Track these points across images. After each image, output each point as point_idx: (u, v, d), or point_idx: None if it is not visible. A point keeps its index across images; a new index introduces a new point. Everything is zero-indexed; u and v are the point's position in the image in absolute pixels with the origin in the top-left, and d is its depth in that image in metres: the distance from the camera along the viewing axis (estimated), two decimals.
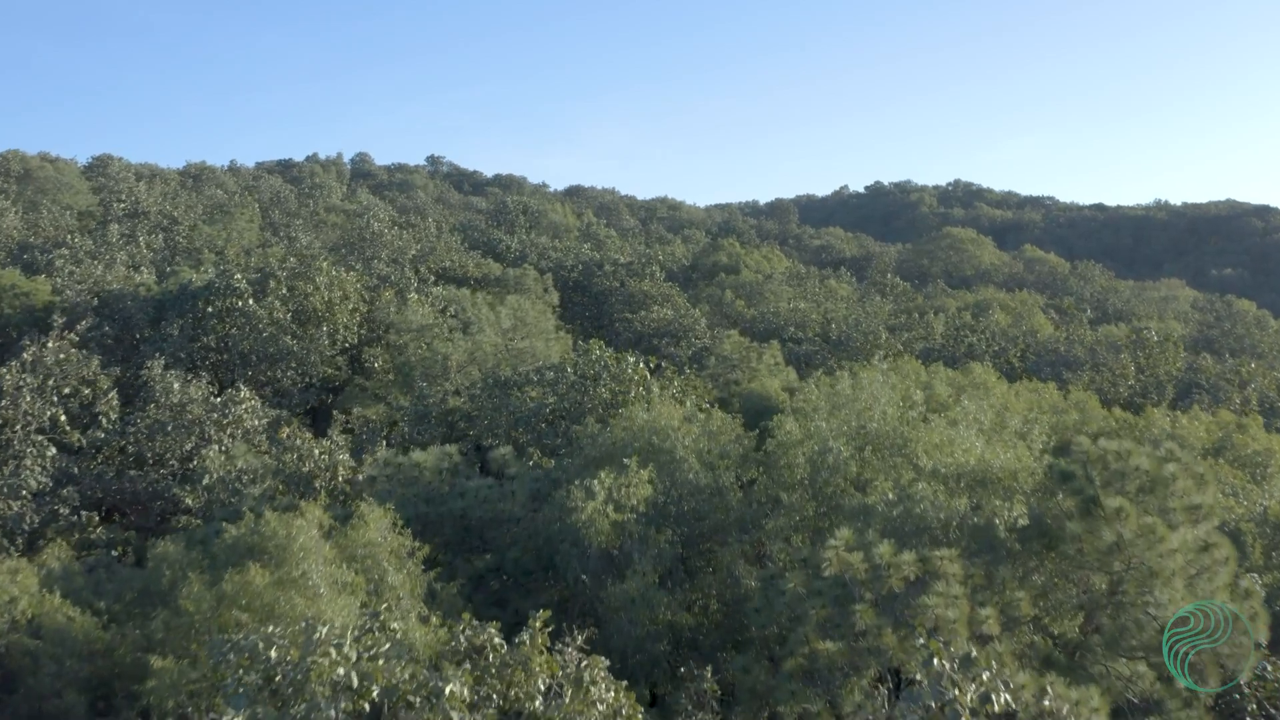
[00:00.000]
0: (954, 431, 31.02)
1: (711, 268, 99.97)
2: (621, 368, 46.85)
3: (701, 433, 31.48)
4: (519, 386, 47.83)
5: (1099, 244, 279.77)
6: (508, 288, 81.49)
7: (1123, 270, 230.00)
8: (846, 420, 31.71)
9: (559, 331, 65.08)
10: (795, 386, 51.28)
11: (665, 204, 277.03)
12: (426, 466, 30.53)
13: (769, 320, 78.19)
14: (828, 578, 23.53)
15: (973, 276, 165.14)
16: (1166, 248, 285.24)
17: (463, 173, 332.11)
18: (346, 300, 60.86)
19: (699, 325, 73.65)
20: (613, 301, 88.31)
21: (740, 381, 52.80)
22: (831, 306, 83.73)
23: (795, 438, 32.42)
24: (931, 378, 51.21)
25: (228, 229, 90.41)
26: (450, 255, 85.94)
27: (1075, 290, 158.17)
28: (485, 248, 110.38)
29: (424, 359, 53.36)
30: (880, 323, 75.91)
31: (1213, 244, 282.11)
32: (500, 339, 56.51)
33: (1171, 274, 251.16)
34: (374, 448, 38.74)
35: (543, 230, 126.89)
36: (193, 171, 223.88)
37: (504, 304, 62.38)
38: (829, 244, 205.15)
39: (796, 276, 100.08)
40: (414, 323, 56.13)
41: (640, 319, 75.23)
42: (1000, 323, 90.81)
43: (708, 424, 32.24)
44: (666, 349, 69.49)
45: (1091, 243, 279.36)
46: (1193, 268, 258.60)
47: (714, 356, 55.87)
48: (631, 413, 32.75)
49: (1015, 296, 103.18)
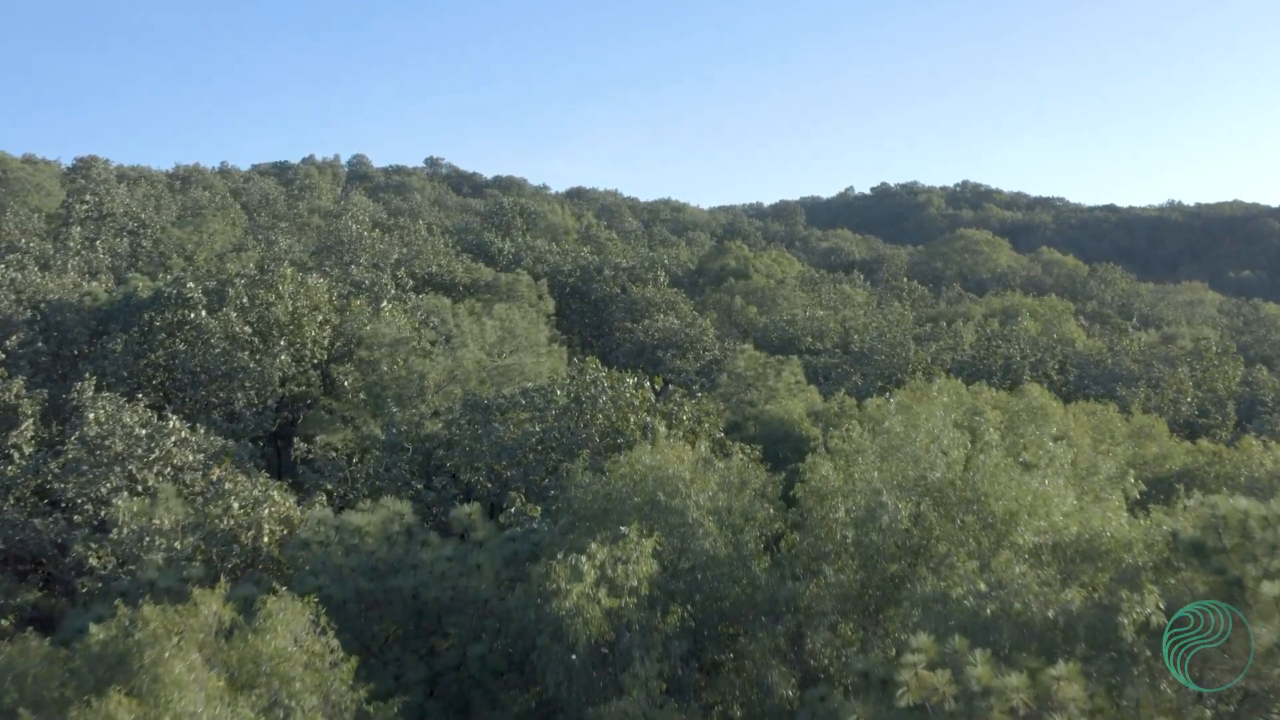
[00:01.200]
0: (1038, 481, 24.52)
1: (719, 272, 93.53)
2: (620, 390, 40.46)
3: (720, 485, 24.98)
4: (503, 411, 41.43)
5: (1112, 245, 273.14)
6: (499, 294, 75.10)
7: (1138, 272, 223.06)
8: (900, 467, 25.21)
9: (553, 344, 58.66)
10: (820, 409, 44.79)
11: (668, 206, 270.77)
12: (370, 532, 24.02)
13: (783, 330, 71.73)
14: (903, 707, 17.06)
15: (989, 280, 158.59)
16: (1182, 249, 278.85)
17: (462, 175, 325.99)
18: (315, 311, 54.51)
19: (707, 335, 67.21)
20: (613, 309, 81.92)
21: (756, 403, 46.36)
22: (850, 314, 77.22)
23: (833, 484, 26.01)
24: (975, 399, 44.77)
25: (199, 232, 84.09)
26: (438, 259, 79.52)
27: (1096, 294, 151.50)
28: (478, 251, 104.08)
29: (398, 378, 46.95)
30: (905, 332, 69.42)
31: (1228, 245, 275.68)
32: (485, 354, 50.09)
33: (1188, 276, 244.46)
34: (314, 498, 32.24)
35: (540, 233, 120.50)
36: (181, 174, 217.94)
37: (491, 314, 55.97)
38: (837, 246, 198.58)
39: (810, 282, 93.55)
40: (387, 336, 49.68)
41: (643, 329, 68.81)
42: (1029, 331, 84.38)
43: (727, 472, 25.70)
44: (672, 362, 63.04)
45: (1104, 244, 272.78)
46: (1209, 269, 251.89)
47: (726, 374, 49.42)
48: (632, 457, 26.28)
49: (1044, 302, 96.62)
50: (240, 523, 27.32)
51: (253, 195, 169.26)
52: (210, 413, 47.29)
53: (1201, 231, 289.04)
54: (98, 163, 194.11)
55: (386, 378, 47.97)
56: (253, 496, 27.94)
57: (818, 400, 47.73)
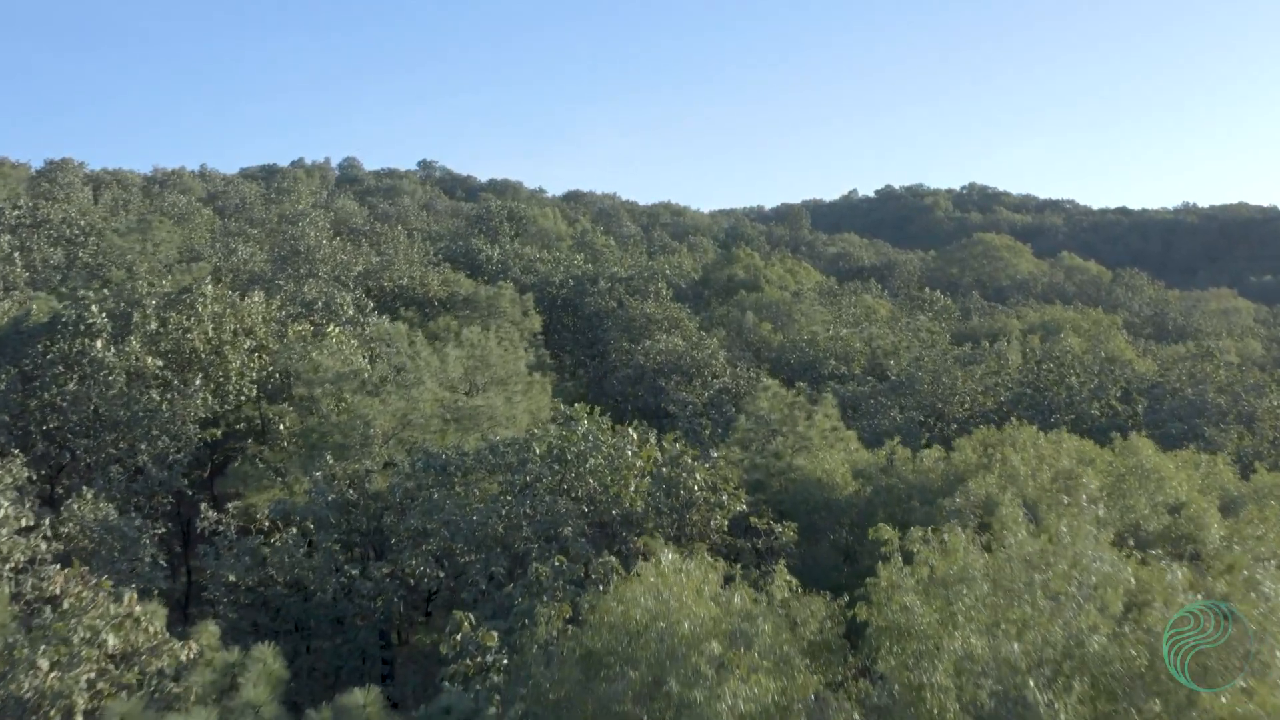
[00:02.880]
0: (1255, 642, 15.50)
1: (726, 283, 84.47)
2: (619, 449, 31.49)
3: (764, 653, 15.81)
4: (464, 472, 32.42)
5: (1127, 249, 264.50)
6: (479, 310, 66.11)
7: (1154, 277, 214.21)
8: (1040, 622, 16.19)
9: (536, 374, 49.59)
10: (866, 468, 35.72)
11: (668, 209, 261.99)
12: None
13: (802, 351, 62.61)
14: None
15: (1009, 287, 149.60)
16: (1199, 253, 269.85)
17: (456, 178, 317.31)
18: (247, 336, 45.49)
19: (717, 360, 58.15)
20: (608, 325, 72.88)
21: (784, 452, 37.29)
22: (876, 332, 68.13)
23: (922, 622, 17.10)
24: (1057, 448, 35.78)
25: (145, 240, 75.08)
26: (411, 270, 70.47)
27: (1124, 302, 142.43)
28: (463, 259, 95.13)
29: (338, 424, 37.90)
30: (944, 354, 60.38)
31: (1246, 249, 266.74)
32: (449, 391, 41.04)
33: (1206, 280, 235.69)
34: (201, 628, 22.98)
35: (531, 239, 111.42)
36: (159, 177, 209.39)
37: (459, 340, 46.93)
38: (845, 251, 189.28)
39: (829, 294, 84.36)
40: (330, 369, 40.59)
41: (643, 350, 59.75)
42: (1075, 349, 75.39)
43: (776, 637, 16.49)
44: (676, 391, 54.00)
45: (1119, 248, 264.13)
46: (1228, 274, 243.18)
47: (744, 414, 40.31)
48: (626, 593, 17.23)
49: (1088, 315, 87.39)
50: (50, 690, 18.18)
51: (230, 199, 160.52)
52: (108, 468, 38.22)
53: (1218, 235, 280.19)
54: (69, 165, 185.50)
55: (327, 422, 38.94)
56: (90, 628, 18.69)
57: (862, 452, 38.61)
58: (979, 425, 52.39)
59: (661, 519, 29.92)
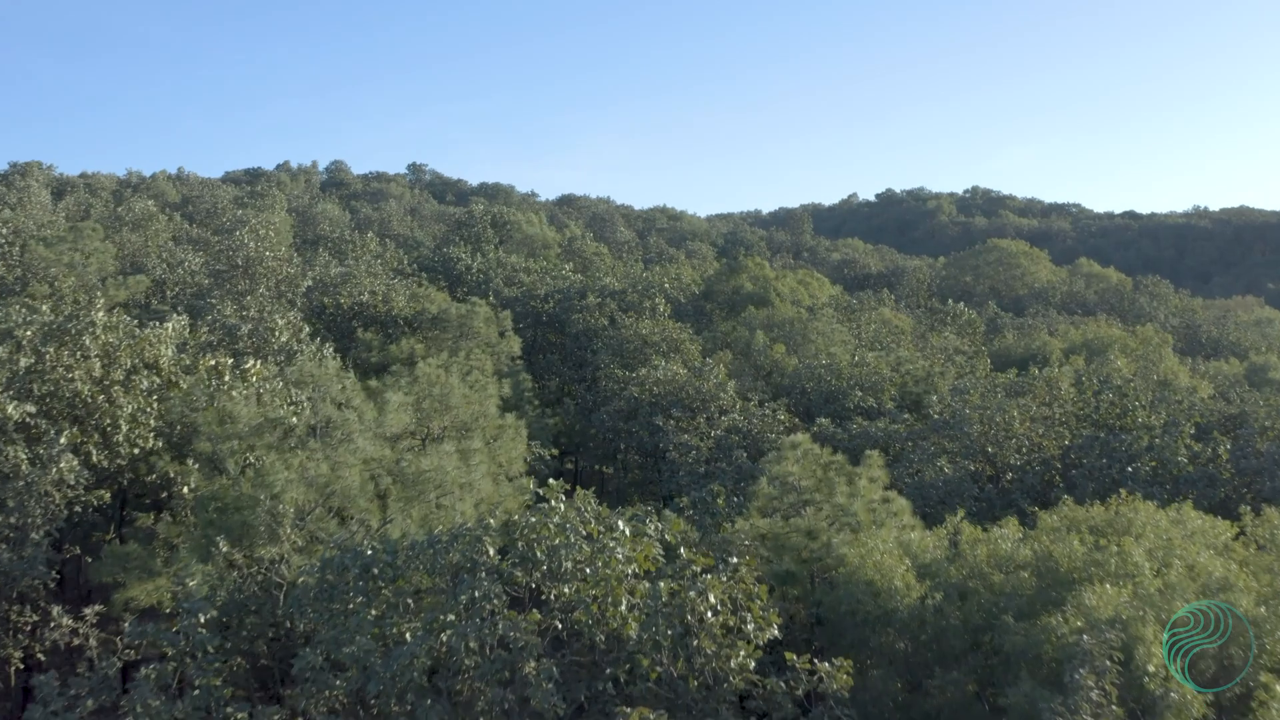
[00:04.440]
0: None
1: (731, 296, 75.75)
2: (607, 553, 22.97)
3: None
4: (390, 579, 23.82)
5: (1138, 255, 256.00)
6: (449, 330, 57.51)
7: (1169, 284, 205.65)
8: None
9: (508, 415, 40.92)
10: (931, 562, 27.06)
11: (665, 214, 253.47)
12: None
13: (821, 379, 53.95)
14: None
15: (1027, 296, 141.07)
16: (1213, 258, 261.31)
17: (446, 181, 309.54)
18: (152, 373, 36.89)
19: (725, 392, 49.56)
20: (599, 346, 64.24)
21: (820, 533, 28.71)
22: (906, 356, 59.50)
23: None
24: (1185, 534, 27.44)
25: (75, 250, 66.40)
26: (373, 284, 61.75)
27: (1149, 312, 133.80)
28: (441, 270, 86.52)
29: (241, 495, 29.24)
30: (990, 384, 51.75)
31: (1261, 254, 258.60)
32: (389, 448, 32.38)
33: (1222, 287, 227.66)
34: None
35: (516, 246, 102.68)
36: (133, 181, 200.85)
37: (414, 377, 38.32)
38: (850, 258, 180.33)
39: (845, 308, 75.51)
40: (243, 418, 31.90)
41: (638, 381, 51.12)
42: (1124, 372, 66.93)
43: None
44: (677, 434, 45.39)
45: (1130, 253, 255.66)
46: (1245, 280, 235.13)
47: (766, 479, 31.69)
48: None
49: (1138, 333, 78.71)
50: None
51: (203, 203, 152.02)
52: None
53: (1232, 239, 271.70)
54: (32, 169, 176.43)
55: (229, 491, 30.27)
56: None
57: (917, 528, 29.92)
58: (1039, 474, 43.83)
59: (661, 654, 21.34)
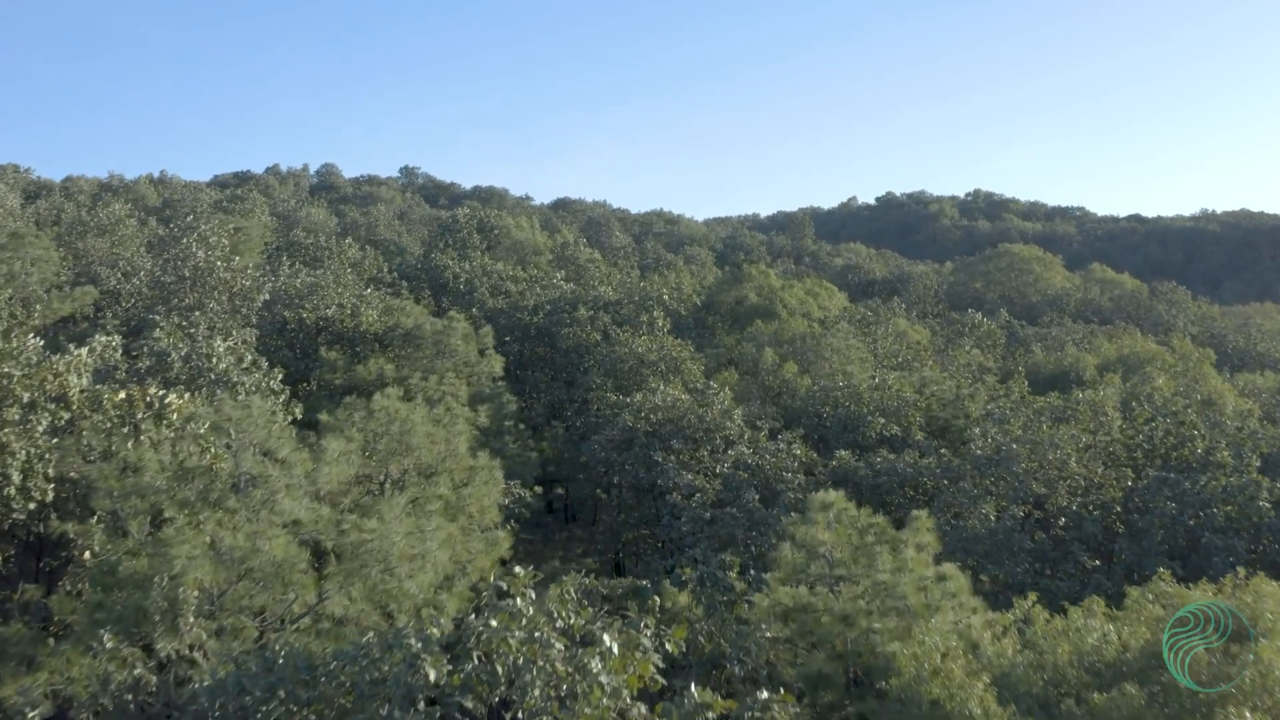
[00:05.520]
0: None
1: (735, 307, 69.76)
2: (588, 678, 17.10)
3: None
4: (305, 706, 17.88)
5: (1146, 259, 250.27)
6: (424, 348, 51.59)
7: None
8: None
9: (480, 453, 34.95)
10: (1012, 677, 21.09)
11: (661, 218, 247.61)
12: None
13: (839, 403, 48.01)
14: None
15: (1039, 303, 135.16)
16: (1223, 263, 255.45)
17: (439, 185, 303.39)
18: (60, 408, 30.97)
19: (732, 421, 43.62)
20: (590, 363, 58.31)
21: (858, 620, 22.82)
22: (931, 375, 53.54)
23: None
24: None
25: (15, 258, 60.41)
26: (343, 296, 55.76)
27: (1167, 320, 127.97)
28: (426, 278, 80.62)
29: (136, 574, 23.28)
30: (1030, 409, 45.81)
31: (1271, 259, 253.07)
32: (327, 507, 26.39)
33: (1233, 291, 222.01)
34: None
35: (504, 252, 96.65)
36: (114, 184, 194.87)
37: (366, 416, 32.36)
38: (854, 263, 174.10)
39: (862, 321, 69.51)
40: (152, 472, 25.91)
41: (633, 408, 45.14)
42: (1164, 390, 61.09)
43: None
44: (677, 473, 39.42)
45: (1137, 258, 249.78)
46: (1258, 285, 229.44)
47: (790, 544, 25.78)
48: None
49: (1175, 346, 72.72)
50: None
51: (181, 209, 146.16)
52: None
53: (1242, 243, 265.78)
54: (7, 171, 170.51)
55: (128, 564, 24.30)
56: None
57: (980, 620, 23.94)
58: (1098, 520, 37.86)
59: None
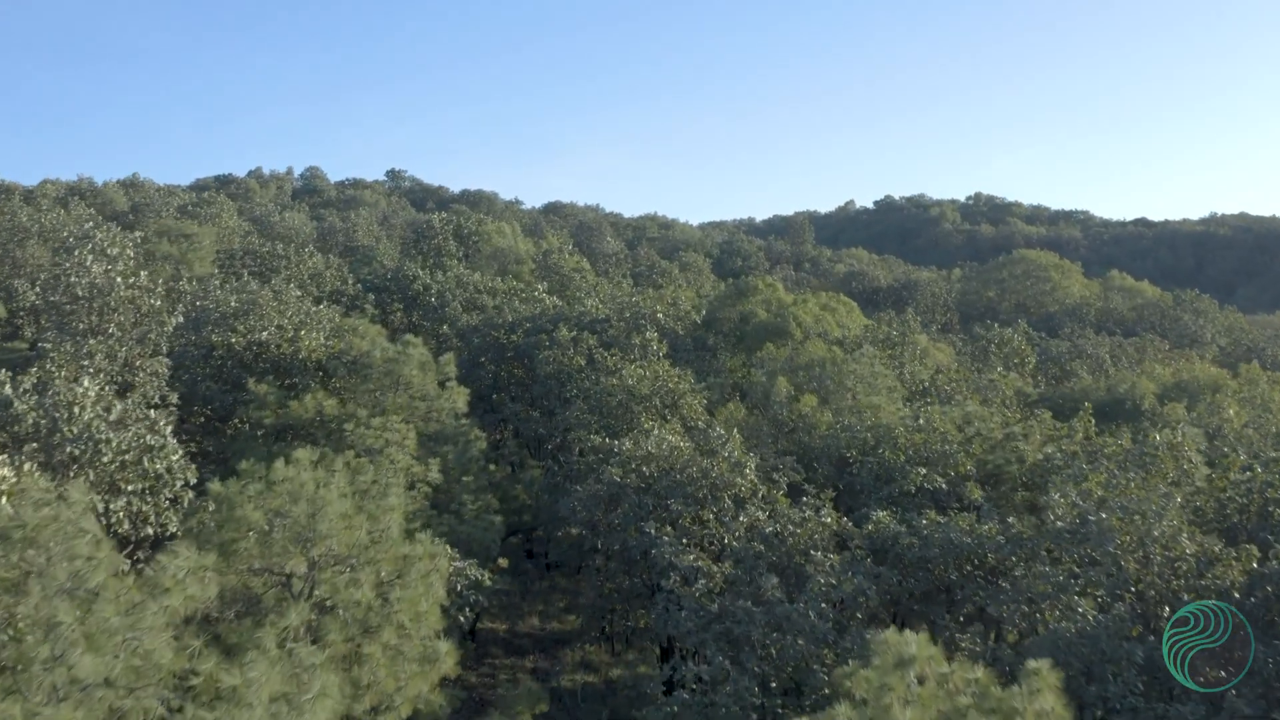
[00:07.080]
0: None
1: (739, 326, 61.51)
2: None
3: None
4: None
5: (1156, 264, 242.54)
6: (372, 380, 43.24)
7: None
8: None
9: (419, 534, 26.57)
10: None
11: (655, 222, 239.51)
12: None
13: (867, 448, 39.78)
14: None
15: (1057, 313, 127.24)
16: (1235, 268, 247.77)
17: (426, 189, 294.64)
18: None
19: (744, 475, 35.27)
20: (572, 392, 49.95)
21: None
22: (976, 412, 45.22)
23: None
24: None
25: None
26: (282, 316, 47.38)
27: (1193, 330, 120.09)
28: (397, 291, 72.33)
29: None
30: (1110, 464, 37.61)
31: None
32: (170, 650, 17.98)
33: (1247, 298, 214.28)
34: None
35: (485, 261, 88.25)
36: (82, 188, 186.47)
37: (263, 491, 24.01)
38: (857, 270, 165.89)
39: (886, 341, 60.88)
40: None
41: (621, 460, 36.75)
42: (1234, 424, 53.05)
43: None
44: (678, 548, 31.07)
45: (1147, 263, 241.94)
46: (1271, 291, 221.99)
47: (845, 699, 17.69)
48: None
49: (1242, 372, 64.49)
50: None
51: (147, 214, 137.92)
52: None
53: (1255, 248, 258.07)
54: None
55: None
56: None
57: None
58: (1219, 620, 29.37)
59: None
